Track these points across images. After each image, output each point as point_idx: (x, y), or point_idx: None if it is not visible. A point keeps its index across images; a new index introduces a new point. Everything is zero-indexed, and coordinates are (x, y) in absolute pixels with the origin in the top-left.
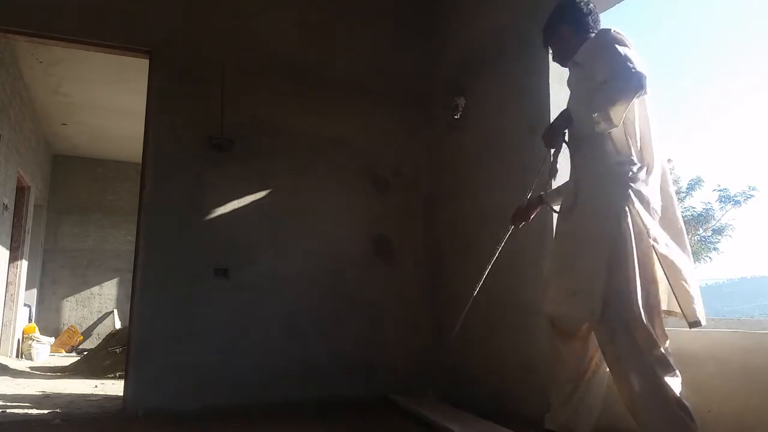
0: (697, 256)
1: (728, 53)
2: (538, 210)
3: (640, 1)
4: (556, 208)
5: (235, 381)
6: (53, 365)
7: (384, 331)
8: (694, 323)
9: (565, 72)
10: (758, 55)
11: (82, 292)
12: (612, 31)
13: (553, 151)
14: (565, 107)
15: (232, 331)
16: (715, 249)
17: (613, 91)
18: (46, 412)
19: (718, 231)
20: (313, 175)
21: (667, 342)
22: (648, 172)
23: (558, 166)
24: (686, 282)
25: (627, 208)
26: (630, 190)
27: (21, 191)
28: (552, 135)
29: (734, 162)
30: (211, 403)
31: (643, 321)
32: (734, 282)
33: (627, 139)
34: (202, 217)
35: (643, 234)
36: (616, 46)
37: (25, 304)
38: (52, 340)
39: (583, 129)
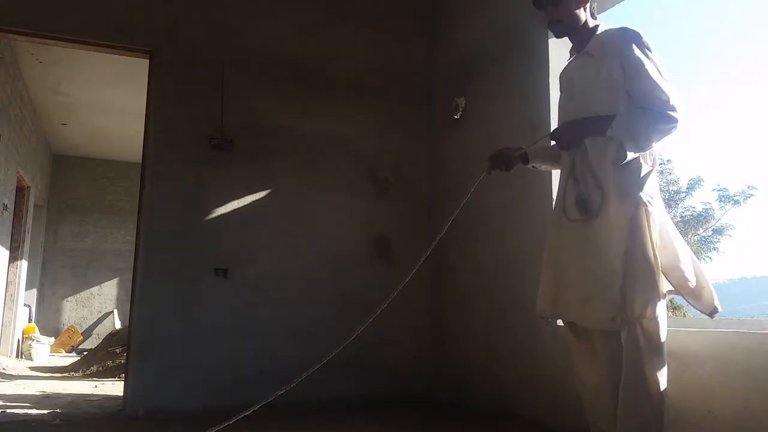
0: (697, 256)
1: (728, 51)
2: (517, 165)
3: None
4: (538, 166)
5: (235, 381)
6: (53, 365)
7: (384, 331)
8: (713, 311)
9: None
10: (758, 53)
11: (82, 292)
12: (644, 38)
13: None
14: (566, 99)
15: (231, 331)
16: (715, 249)
17: (652, 129)
18: (46, 412)
19: (718, 231)
20: (313, 175)
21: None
22: (653, 171)
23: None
24: (690, 278)
25: (644, 214)
26: (645, 194)
27: (21, 191)
28: (571, 141)
29: (734, 161)
30: (211, 403)
31: (658, 328)
32: (734, 282)
33: None
34: (202, 217)
35: (652, 237)
36: (656, 68)
37: (24, 304)
38: (52, 340)
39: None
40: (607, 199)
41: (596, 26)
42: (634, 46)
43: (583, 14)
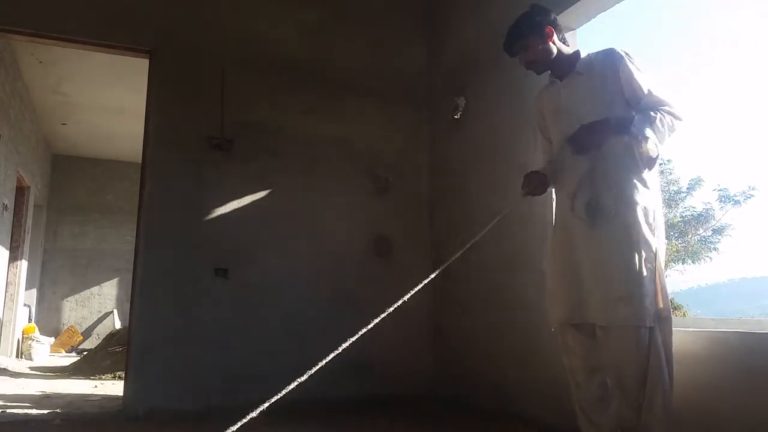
0: (697, 256)
1: (728, 51)
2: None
3: None
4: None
5: (235, 381)
6: (53, 365)
7: (384, 331)
8: None
9: None
10: (759, 52)
11: (82, 292)
12: (631, 54)
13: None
14: (555, 117)
15: (231, 331)
16: (715, 249)
17: (668, 126)
18: (45, 412)
19: (718, 231)
20: (313, 175)
21: None
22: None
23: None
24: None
25: (653, 221)
26: (655, 201)
27: (21, 191)
28: (592, 142)
29: (734, 161)
30: (210, 403)
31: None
32: (734, 282)
33: None
34: (202, 216)
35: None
36: (648, 78)
37: (24, 304)
38: (52, 340)
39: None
40: (625, 203)
41: (576, 52)
42: (625, 61)
43: (554, 47)
